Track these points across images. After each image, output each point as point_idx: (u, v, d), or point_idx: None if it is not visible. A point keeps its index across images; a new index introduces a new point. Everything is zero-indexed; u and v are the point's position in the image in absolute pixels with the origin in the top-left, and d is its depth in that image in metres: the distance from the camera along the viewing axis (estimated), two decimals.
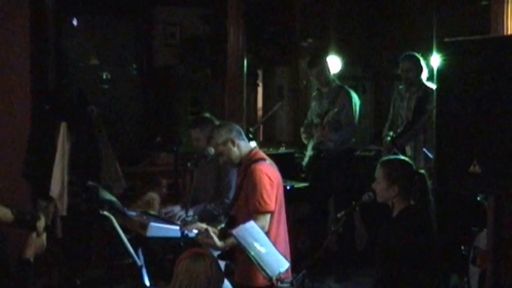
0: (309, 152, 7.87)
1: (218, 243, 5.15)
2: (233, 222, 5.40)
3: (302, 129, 8.07)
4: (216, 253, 5.78)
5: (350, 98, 7.76)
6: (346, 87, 7.93)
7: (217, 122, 6.29)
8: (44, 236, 4.37)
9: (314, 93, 8.15)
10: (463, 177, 4.37)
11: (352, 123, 7.80)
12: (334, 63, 8.18)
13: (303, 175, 8.14)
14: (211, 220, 5.89)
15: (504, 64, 4.15)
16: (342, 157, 7.76)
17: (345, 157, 7.79)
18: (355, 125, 7.88)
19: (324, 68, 7.86)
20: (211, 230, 5.18)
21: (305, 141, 7.97)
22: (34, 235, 4.33)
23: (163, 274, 6.35)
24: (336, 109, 7.55)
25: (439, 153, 4.61)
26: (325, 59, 7.96)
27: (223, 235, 5.27)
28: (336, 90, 7.84)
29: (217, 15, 8.67)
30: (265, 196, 5.24)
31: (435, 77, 4.82)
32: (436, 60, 4.81)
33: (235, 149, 5.46)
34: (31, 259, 4.29)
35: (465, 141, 4.33)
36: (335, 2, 9.63)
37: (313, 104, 8.05)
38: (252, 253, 4.85)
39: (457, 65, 4.42)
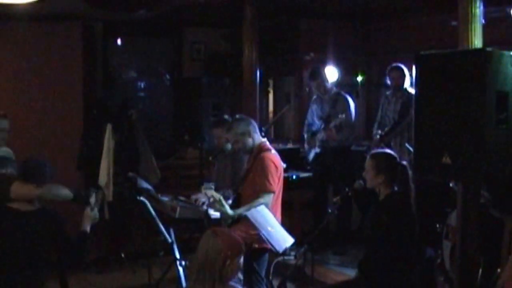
0: (315, 149, 7.81)
1: (229, 211, 5.23)
2: (240, 198, 5.52)
3: (305, 128, 8.04)
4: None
5: (348, 103, 7.65)
6: (343, 93, 7.80)
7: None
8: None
9: (314, 97, 8.05)
10: (436, 167, 4.34)
11: (351, 124, 7.69)
12: (333, 73, 8.07)
13: (308, 167, 8.08)
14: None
15: (468, 72, 4.14)
16: (342, 153, 7.70)
17: (344, 153, 7.74)
18: (353, 125, 7.82)
19: (323, 79, 7.74)
20: (223, 200, 5.24)
21: (307, 137, 7.91)
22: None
23: (191, 249, 6.36)
24: (343, 115, 7.44)
25: (417, 147, 4.57)
26: (324, 71, 7.80)
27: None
28: (335, 96, 7.74)
29: (235, 34, 8.65)
30: (270, 179, 5.33)
31: (413, 84, 4.79)
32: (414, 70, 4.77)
33: (249, 140, 5.52)
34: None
35: (438, 138, 4.30)
36: (333, 23, 9.60)
37: (314, 107, 7.92)
38: (263, 232, 4.87)
39: (431, 74, 4.39)
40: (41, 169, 4.33)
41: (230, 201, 5.60)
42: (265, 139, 5.73)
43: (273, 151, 5.58)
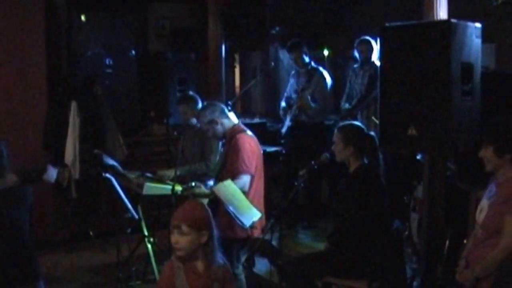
0: (287, 123, 7.73)
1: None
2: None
3: (283, 100, 7.92)
4: None
5: (323, 78, 7.61)
6: (321, 68, 7.73)
7: (199, 100, 6.23)
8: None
9: (293, 72, 7.94)
10: (403, 139, 4.32)
11: (325, 98, 7.63)
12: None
13: (282, 141, 7.98)
14: (195, 178, 5.80)
15: (433, 44, 4.10)
16: (313, 128, 7.63)
17: (316, 129, 7.66)
18: (328, 100, 7.74)
19: (301, 53, 7.66)
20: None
21: (282, 114, 7.84)
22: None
23: (159, 225, 6.32)
24: (310, 90, 7.40)
25: (383, 120, 4.53)
26: (303, 45, 7.70)
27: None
28: (311, 70, 7.67)
29: (201, 9, 8.55)
30: (246, 161, 5.14)
31: (378, 56, 4.75)
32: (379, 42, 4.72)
33: (218, 127, 5.34)
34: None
35: (404, 109, 4.28)
36: None
37: (292, 81, 7.85)
38: (230, 206, 4.82)
39: (395, 46, 4.35)
40: None
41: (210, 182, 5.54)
42: (238, 121, 5.50)
43: (249, 132, 5.37)
